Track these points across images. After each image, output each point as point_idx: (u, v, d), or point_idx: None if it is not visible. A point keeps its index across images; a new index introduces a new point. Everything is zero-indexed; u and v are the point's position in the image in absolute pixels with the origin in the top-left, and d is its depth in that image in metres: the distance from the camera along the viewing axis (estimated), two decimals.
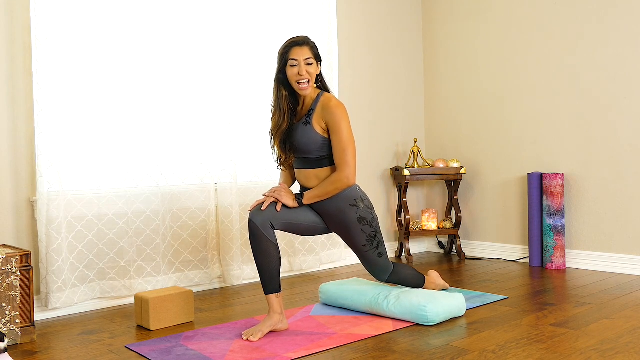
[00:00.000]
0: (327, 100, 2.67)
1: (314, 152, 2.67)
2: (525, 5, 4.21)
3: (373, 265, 2.80)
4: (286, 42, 2.68)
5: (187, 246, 3.52)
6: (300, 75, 2.61)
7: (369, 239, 2.72)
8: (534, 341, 2.40)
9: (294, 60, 2.61)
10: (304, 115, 2.69)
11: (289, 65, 2.63)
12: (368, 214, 2.71)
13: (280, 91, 2.69)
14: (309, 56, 2.63)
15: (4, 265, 2.54)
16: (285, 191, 2.66)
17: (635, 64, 3.67)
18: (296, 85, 2.64)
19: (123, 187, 3.27)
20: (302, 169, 2.73)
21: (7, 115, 2.96)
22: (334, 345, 2.41)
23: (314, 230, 2.74)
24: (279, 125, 2.70)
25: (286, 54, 2.64)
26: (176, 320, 2.81)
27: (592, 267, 3.86)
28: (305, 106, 2.72)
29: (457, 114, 4.69)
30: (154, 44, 3.40)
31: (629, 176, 3.71)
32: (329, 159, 2.68)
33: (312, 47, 2.67)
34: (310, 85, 2.65)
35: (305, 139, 2.65)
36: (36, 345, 2.55)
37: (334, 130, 2.62)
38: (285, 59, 2.64)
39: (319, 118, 2.65)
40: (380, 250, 2.76)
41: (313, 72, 2.65)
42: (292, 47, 2.64)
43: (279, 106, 2.70)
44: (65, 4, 3.08)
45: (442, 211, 4.80)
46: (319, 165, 2.68)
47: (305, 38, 2.67)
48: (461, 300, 2.80)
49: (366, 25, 4.53)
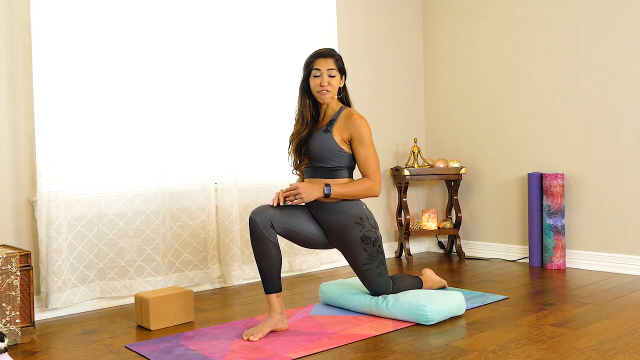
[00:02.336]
0: (350, 113, 2.71)
1: (328, 161, 2.67)
2: (525, 5, 4.21)
3: (372, 284, 2.78)
4: (313, 52, 2.75)
5: (187, 246, 3.52)
6: (322, 86, 2.67)
7: (370, 258, 2.72)
8: (534, 341, 2.40)
9: (317, 70, 2.68)
10: (325, 125, 2.72)
11: (312, 75, 2.70)
12: (372, 233, 2.71)
13: (304, 100, 2.76)
14: (332, 67, 2.69)
15: (4, 265, 2.54)
16: (305, 189, 2.58)
17: (636, 64, 3.67)
18: (317, 94, 2.70)
19: (123, 187, 3.28)
20: (313, 178, 2.73)
21: (7, 115, 2.96)
22: (334, 345, 2.41)
23: (313, 242, 2.74)
24: (300, 132, 2.74)
25: (310, 63, 2.71)
26: (176, 320, 2.81)
27: (592, 267, 3.86)
28: (326, 117, 2.76)
29: (457, 114, 4.69)
30: (154, 44, 3.40)
31: (629, 176, 3.71)
32: (341, 171, 2.70)
33: (336, 60, 2.73)
34: (331, 95, 2.70)
35: (322, 146, 2.66)
36: (36, 345, 2.55)
37: (360, 141, 2.66)
38: (309, 68, 2.71)
39: (341, 129, 2.68)
40: (380, 270, 2.75)
41: (335, 84, 2.70)
42: (317, 57, 2.71)
43: (302, 114, 2.77)
44: (65, 4, 3.08)
45: (442, 211, 4.80)
46: (331, 176, 2.69)
47: (331, 50, 2.74)
48: (460, 299, 2.80)
49: (366, 25, 4.53)
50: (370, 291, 2.83)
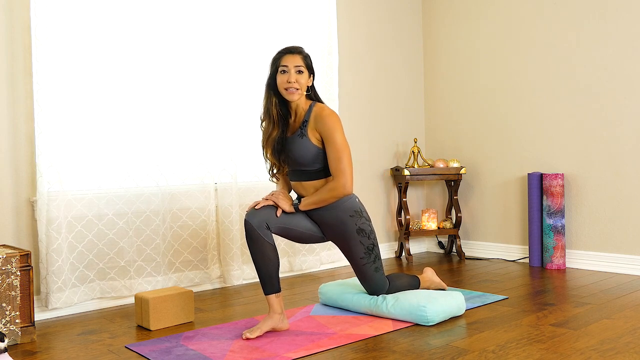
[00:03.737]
0: (319, 110, 2.64)
1: (311, 164, 2.65)
2: (525, 5, 4.21)
3: (369, 281, 2.77)
4: (280, 49, 2.69)
5: (187, 246, 3.52)
6: (289, 83, 2.59)
7: (367, 251, 2.71)
8: (534, 341, 2.40)
9: (285, 66, 2.61)
10: (298, 128, 2.66)
11: (279, 72, 2.63)
12: (367, 226, 2.71)
13: (270, 98, 2.68)
14: (300, 64, 2.62)
15: (4, 265, 2.54)
16: (283, 195, 2.66)
17: (635, 64, 3.67)
18: (284, 91, 2.62)
19: (123, 187, 3.27)
20: (300, 181, 2.72)
21: (7, 115, 2.96)
22: (334, 345, 2.41)
23: (309, 237, 2.73)
24: (269, 133, 2.68)
25: (278, 60, 2.64)
26: (176, 320, 2.81)
27: (592, 267, 3.86)
28: (298, 117, 2.70)
29: (457, 114, 4.69)
30: (154, 45, 3.40)
31: (629, 176, 3.71)
32: (325, 171, 2.67)
33: (304, 57, 2.65)
34: (299, 94, 2.63)
35: (302, 152, 2.63)
36: (36, 345, 2.55)
37: (328, 139, 2.60)
38: (276, 65, 2.64)
39: (312, 129, 2.63)
40: (377, 265, 2.75)
41: (303, 81, 2.63)
42: (284, 54, 2.64)
43: (268, 112, 2.69)
44: (65, 4, 3.08)
45: (442, 211, 4.80)
46: (316, 177, 2.67)
47: (298, 47, 2.68)
48: (460, 299, 2.80)
49: (366, 25, 4.53)
50: (368, 289, 2.82)
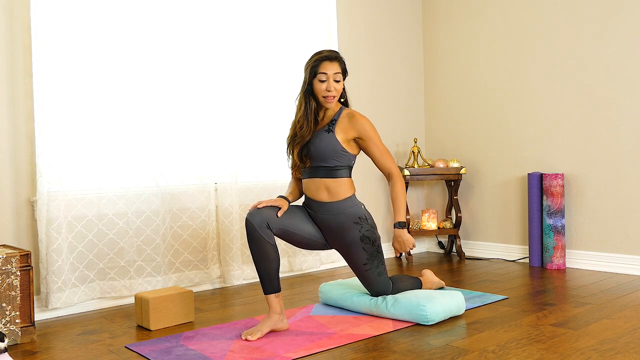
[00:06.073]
0: (352, 113, 2.70)
1: (330, 160, 2.66)
2: (525, 5, 4.21)
3: (372, 284, 2.77)
4: (316, 54, 2.67)
5: (187, 246, 3.52)
6: (328, 91, 2.63)
7: (370, 258, 2.71)
8: (534, 341, 2.40)
9: (324, 74, 2.63)
10: (326, 124, 2.69)
11: (317, 79, 2.64)
12: (371, 233, 2.70)
13: (310, 103, 2.69)
14: (338, 71, 2.65)
15: (4, 265, 2.54)
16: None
17: (636, 64, 3.67)
18: (322, 99, 2.66)
19: (123, 187, 3.27)
20: (313, 178, 2.70)
21: (7, 115, 2.96)
22: (334, 345, 2.41)
23: (311, 243, 2.71)
24: (303, 136, 2.68)
25: (316, 67, 2.64)
26: (176, 320, 2.81)
27: (592, 267, 3.86)
28: (326, 117, 2.73)
29: (457, 114, 4.69)
30: (154, 45, 3.40)
31: (629, 176, 3.71)
32: (341, 171, 2.68)
33: (341, 63, 2.69)
34: (336, 100, 2.68)
35: (324, 145, 2.64)
36: (36, 345, 2.55)
37: (371, 140, 2.69)
38: (315, 72, 2.64)
39: (345, 129, 2.66)
40: (380, 270, 2.74)
41: (340, 88, 2.68)
42: (322, 60, 2.64)
43: (306, 118, 2.69)
44: (65, 4, 3.08)
45: (442, 211, 4.80)
46: (331, 175, 2.67)
47: (335, 53, 2.68)
48: (460, 299, 2.80)
49: (366, 25, 4.53)
50: (370, 292, 2.83)
